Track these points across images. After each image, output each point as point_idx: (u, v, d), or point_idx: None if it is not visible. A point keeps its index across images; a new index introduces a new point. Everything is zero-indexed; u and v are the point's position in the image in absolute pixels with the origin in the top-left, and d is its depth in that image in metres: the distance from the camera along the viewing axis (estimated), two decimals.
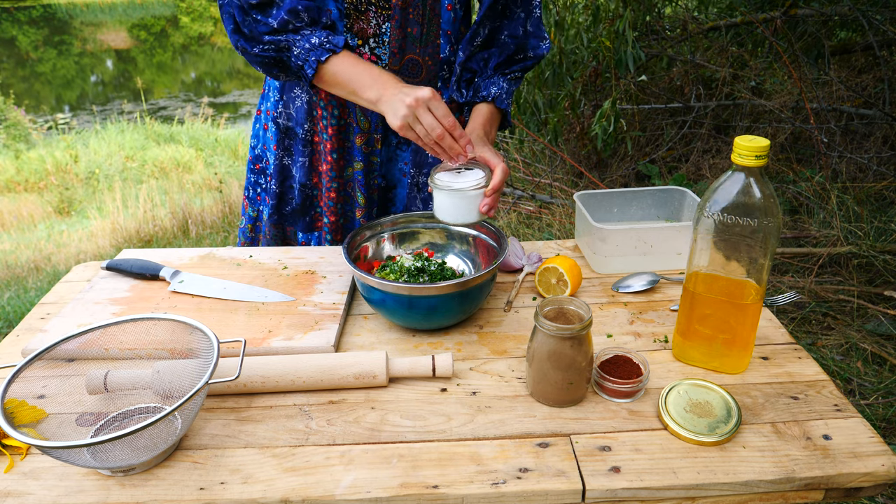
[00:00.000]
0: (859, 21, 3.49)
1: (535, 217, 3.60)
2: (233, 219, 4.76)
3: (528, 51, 1.25)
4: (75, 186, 5.94)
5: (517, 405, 0.86)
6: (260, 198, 1.39)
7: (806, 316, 2.50)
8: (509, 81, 1.24)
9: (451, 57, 1.24)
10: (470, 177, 1.03)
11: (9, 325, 3.12)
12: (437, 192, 1.04)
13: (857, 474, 0.75)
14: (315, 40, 1.07)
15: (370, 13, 1.15)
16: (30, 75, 11.75)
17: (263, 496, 0.73)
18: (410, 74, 1.21)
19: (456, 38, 1.23)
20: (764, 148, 0.79)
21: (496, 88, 1.21)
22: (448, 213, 1.04)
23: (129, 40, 15.47)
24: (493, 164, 1.05)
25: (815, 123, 3.27)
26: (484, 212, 1.03)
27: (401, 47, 1.18)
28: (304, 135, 1.28)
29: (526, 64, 1.26)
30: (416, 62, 1.20)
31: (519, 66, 1.26)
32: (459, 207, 1.03)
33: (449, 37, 1.21)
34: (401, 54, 1.19)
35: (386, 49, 1.18)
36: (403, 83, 1.04)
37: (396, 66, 1.19)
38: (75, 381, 0.86)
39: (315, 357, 0.90)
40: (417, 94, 0.99)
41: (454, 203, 1.03)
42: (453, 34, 1.21)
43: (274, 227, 1.37)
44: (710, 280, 0.88)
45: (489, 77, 1.23)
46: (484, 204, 1.02)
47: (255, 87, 10.27)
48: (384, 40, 1.17)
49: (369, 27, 1.16)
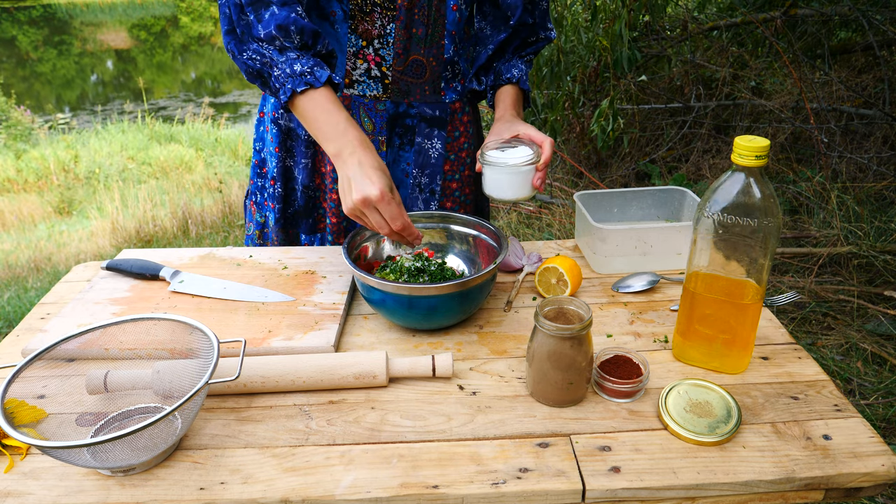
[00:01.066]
0: (859, 21, 3.49)
1: (535, 217, 3.60)
2: (233, 219, 4.75)
3: (538, 33, 1.29)
4: (76, 186, 5.94)
5: (517, 405, 0.86)
6: (267, 203, 1.38)
7: (806, 316, 2.50)
8: (526, 63, 1.29)
9: (455, 57, 1.24)
10: (519, 152, 1.07)
11: (9, 325, 3.12)
12: (489, 169, 1.08)
13: (857, 474, 0.75)
14: (297, 67, 1.01)
15: (375, 14, 1.15)
16: (30, 75, 11.74)
17: (263, 496, 0.73)
18: (414, 75, 1.21)
19: (460, 38, 1.23)
20: (764, 148, 0.79)
21: (517, 70, 1.26)
22: (502, 190, 1.08)
23: (129, 40, 15.47)
24: (539, 139, 1.09)
25: (815, 123, 3.27)
26: (537, 185, 1.08)
27: (405, 48, 1.18)
28: (305, 136, 1.27)
29: (538, 46, 1.30)
30: (420, 63, 1.20)
31: (532, 48, 1.30)
32: (513, 183, 1.07)
33: (453, 37, 1.21)
34: (405, 55, 1.19)
35: (390, 50, 1.18)
36: (365, 148, 0.98)
37: (400, 66, 1.19)
38: (75, 381, 0.86)
39: (315, 357, 0.90)
40: (366, 194, 0.94)
41: (509, 179, 1.07)
42: (458, 34, 1.22)
43: (281, 231, 1.37)
44: (710, 280, 0.88)
45: (508, 60, 1.27)
46: (537, 178, 1.07)
47: (254, 87, 10.25)
48: (388, 41, 1.17)
49: (374, 28, 1.16)
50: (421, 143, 1.27)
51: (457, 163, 1.33)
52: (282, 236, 1.37)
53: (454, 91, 1.27)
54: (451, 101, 1.28)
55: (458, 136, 1.31)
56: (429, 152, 1.28)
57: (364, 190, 0.94)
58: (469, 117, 1.32)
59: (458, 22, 1.21)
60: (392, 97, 1.23)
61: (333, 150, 1.00)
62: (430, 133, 1.27)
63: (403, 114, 1.25)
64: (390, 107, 1.24)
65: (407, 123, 1.26)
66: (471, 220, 1.14)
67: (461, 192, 1.35)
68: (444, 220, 1.16)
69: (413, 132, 1.27)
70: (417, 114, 1.26)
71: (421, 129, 1.27)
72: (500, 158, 1.06)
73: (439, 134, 1.28)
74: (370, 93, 1.22)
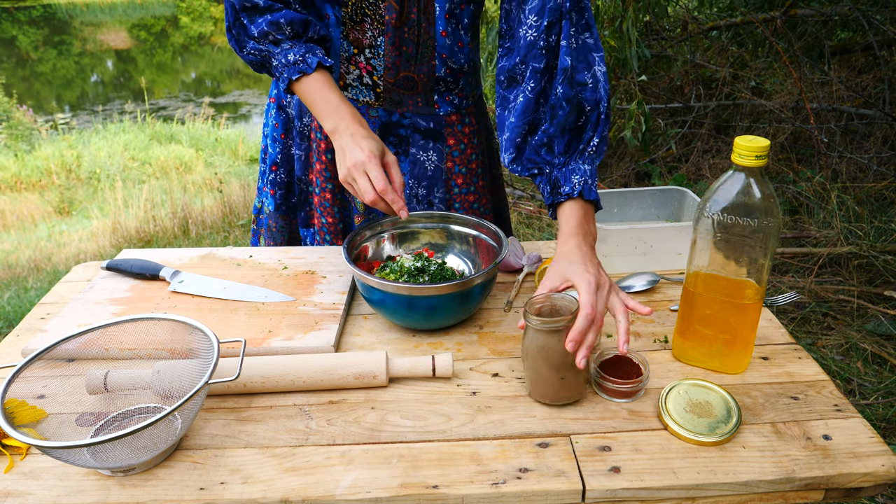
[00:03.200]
0: (859, 21, 3.49)
1: (535, 217, 3.60)
2: (233, 219, 4.75)
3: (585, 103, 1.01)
4: (76, 186, 5.94)
5: (517, 405, 0.86)
6: (264, 189, 1.39)
7: (806, 316, 2.50)
8: (590, 158, 1.02)
9: (448, 77, 1.22)
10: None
11: (9, 325, 3.12)
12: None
13: (857, 474, 0.75)
14: (291, 57, 1.08)
15: (365, 24, 1.15)
16: (30, 75, 11.74)
17: (263, 496, 0.73)
18: (406, 88, 1.21)
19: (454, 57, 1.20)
20: (764, 148, 0.79)
21: (579, 176, 0.99)
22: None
23: (129, 40, 15.47)
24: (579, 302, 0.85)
25: (815, 123, 3.27)
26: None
27: (395, 64, 1.17)
28: (300, 127, 1.28)
29: (591, 118, 1.02)
30: (411, 78, 1.19)
31: (590, 127, 1.02)
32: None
33: (444, 59, 1.19)
34: (395, 70, 1.18)
35: (381, 61, 1.18)
36: (357, 123, 1.05)
37: (392, 79, 1.19)
38: (75, 381, 0.86)
39: (315, 357, 0.90)
40: (355, 159, 1.00)
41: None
42: (449, 57, 1.19)
43: (282, 217, 1.37)
44: (710, 280, 0.88)
45: (565, 164, 1.02)
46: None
47: (255, 87, 10.26)
48: (379, 52, 1.17)
49: (365, 38, 1.16)
50: (416, 154, 1.26)
51: (469, 175, 1.30)
52: (281, 223, 1.38)
53: (450, 104, 1.25)
54: (447, 114, 1.25)
55: (465, 149, 1.28)
56: (425, 164, 1.27)
57: (354, 156, 1.01)
58: (471, 128, 1.29)
59: (449, 47, 1.18)
60: (384, 105, 1.22)
61: (330, 126, 1.06)
62: (425, 145, 1.26)
63: (396, 123, 1.24)
64: (383, 114, 1.23)
65: (400, 133, 1.25)
66: (471, 220, 1.14)
67: (479, 202, 1.33)
68: (444, 220, 1.16)
69: (407, 143, 1.26)
70: (411, 124, 1.24)
71: (415, 141, 1.25)
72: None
73: (435, 146, 1.26)
74: (363, 98, 1.22)
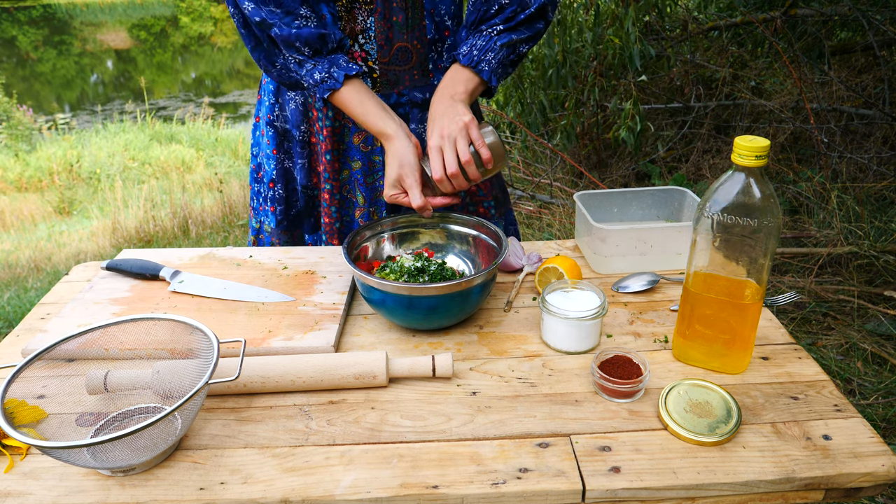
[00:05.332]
0: (859, 21, 3.49)
1: (535, 217, 3.60)
2: (233, 219, 4.75)
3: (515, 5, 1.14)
4: (76, 186, 5.94)
5: (517, 405, 0.86)
6: (262, 208, 1.38)
7: (806, 316, 2.50)
8: (486, 38, 1.14)
9: (437, 37, 1.22)
10: (585, 299, 0.98)
11: (9, 325, 3.12)
12: (550, 317, 0.96)
13: (857, 474, 0.75)
14: (317, 76, 1.11)
15: (356, 11, 1.16)
16: (30, 75, 11.74)
17: (263, 496, 0.73)
18: (401, 62, 1.21)
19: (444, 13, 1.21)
20: (764, 148, 0.79)
21: (465, 46, 1.15)
22: (562, 341, 0.97)
23: (129, 40, 15.47)
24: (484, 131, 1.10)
25: (815, 123, 3.27)
26: None
27: (387, 38, 1.18)
28: (301, 136, 1.28)
29: (506, 14, 1.14)
30: (405, 49, 1.20)
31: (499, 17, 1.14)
32: (575, 336, 0.96)
33: (432, 16, 1.19)
34: (388, 45, 1.18)
35: (373, 43, 1.18)
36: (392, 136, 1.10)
37: (386, 57, 1.19)
38: (75, 381, 0.86)
39: (315, 357, 0.90)
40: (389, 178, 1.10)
41: (568, 331, 0.95)
42: (437, 12, 1.20)
43: (284, 233, 1.37)
44: (710, 280, 0.88)
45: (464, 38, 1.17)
46: None
47: (254, 87, 10.27)
48: (370, 35, 1.18)
49: (357, 25, 1.17)
50: (415, 129, 1.27)
51: None
52: (284, 238, 1.37)
53: (443, 72, 1.25)
54: None
55: None
56: (423, 137, 1.27)
57: (389, 175, 1.10)
58: None
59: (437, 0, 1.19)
60: (381, 90, 1.23)
61: (375, 133, 1.13)
62: (423, 118, 1.26)
63: (395, 104, 1.25)
64: (381, 100, 1.24)
65: (400, 112, 1.25)
66: (471, 220, 1.14)
67: None
68: (444, 220, 1.16)
69: (407, 120, 1.26)
70: (408, 101, 1.25)
71: (414, 116, 1.26)
72: (561, 308, 0.94)
73: None
74: None
